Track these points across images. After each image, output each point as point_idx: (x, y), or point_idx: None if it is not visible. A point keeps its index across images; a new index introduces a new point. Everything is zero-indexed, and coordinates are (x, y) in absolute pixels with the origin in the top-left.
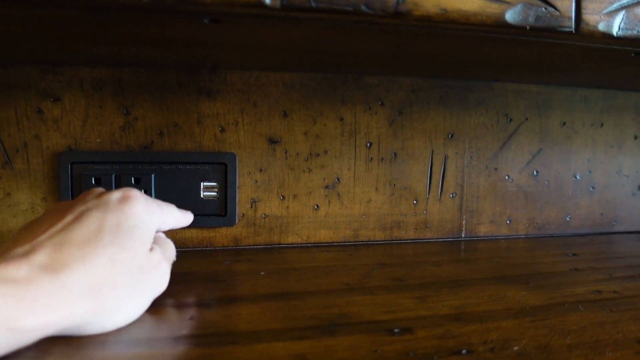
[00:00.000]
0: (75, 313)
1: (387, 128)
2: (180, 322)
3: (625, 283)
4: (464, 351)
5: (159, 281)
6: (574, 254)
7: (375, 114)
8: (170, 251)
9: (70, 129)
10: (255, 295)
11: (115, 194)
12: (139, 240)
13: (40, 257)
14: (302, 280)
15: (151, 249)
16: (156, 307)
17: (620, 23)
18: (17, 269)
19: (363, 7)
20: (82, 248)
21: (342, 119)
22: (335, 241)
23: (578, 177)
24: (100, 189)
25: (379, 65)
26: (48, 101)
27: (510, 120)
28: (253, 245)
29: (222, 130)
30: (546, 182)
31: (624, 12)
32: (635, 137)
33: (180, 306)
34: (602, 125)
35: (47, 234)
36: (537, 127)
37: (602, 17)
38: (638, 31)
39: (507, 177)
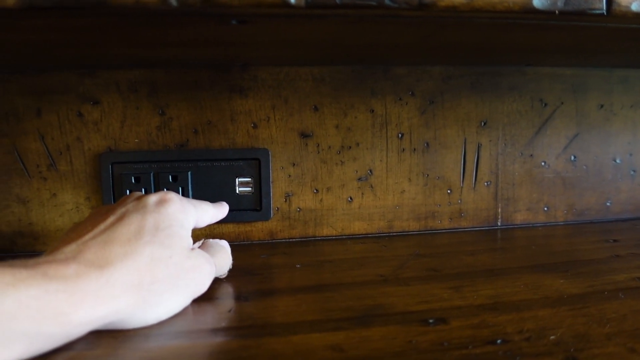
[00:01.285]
0: (119, 307)
1: (419, 118)
2: (220, 315)
3: None
4: (499, 341)
5: (199, 281)
6: (614, 240)
7: (406, 104)
8: (220, 260)
9: (110, 131)
10: (292, 287)
11: (153, 197)
12: (176, 239)
13: (87, 255)
14: (337, 272)
15: (194, 249)
16: (197, 300)
17: None
18: (66, 267)
19: (387, 1)
20: (124, 246)
21: (373, 111)
22: (370, 233)
23: (618, 161)
24: (139, 193)
25: (407, 56)
26: (88, 104)
27: (545, 105)
28: (288, 239)
29: (255, 126)
30: (584, 167)
31: None
32: None
33: (219, 299)
34: None
35: (91, 234)
36: (573, 111)
37: None
38: None
39: (543, 164)
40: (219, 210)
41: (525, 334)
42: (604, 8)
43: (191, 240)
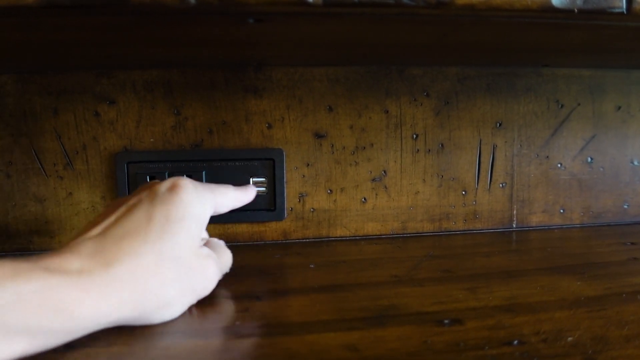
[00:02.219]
0: (124, 303)
1: (433, 119)
2: (235, 314)
3: None
4: (515, 342)
5: (206, 284)
6: (632, 243)
7: (421, 105)
8: (224, 260)
9: (125, 130)
10: (306, 287)
11: (165, 184)
12: (186, 235)
13: (92, 250)
14: (351, 273)
15: (202, 247)
16: (212, 299)
17: None
18: (70, 262)
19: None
20: (132, 242)
21: (387, 112)
22: (383, 233)
23: (635, 163)
24: (154, 181)
25: (423, 56)
26: (104, 104)
27: (562, 106)
28: (302, 239)
29: (269, 126)
30: (601, 168)
31: None
32: None
33: (234, 298)
34: None
35: (99, 228)
36: (590, 112)
37: None
38: None
39: (559, 165)
40: (244, 194)
41: (542, 336)
42: (624, 7)
43: (205, 234)
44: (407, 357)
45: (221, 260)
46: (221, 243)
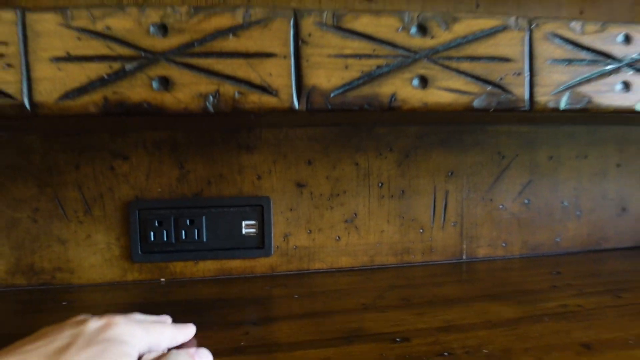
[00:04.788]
0: None
1: (396, 170)
2: (238, 337)
3: (591, 297)
4: (446, 354)
5: None
6: (557, 272)
7: (385, 158)
8: None
9: (137, 182)
10: (292, 314)
11: (94, 324)
12: (112, 355)
13: None
14: (328, 302)
15: None
16: (219, 325)
17: (567, 100)
18: None
19: (366, 106)
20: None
21: (357, 164)
22: (355, 266)
23: (566, 204)
24: (84, 317)
25: (388, 121)
26: (119, 160)
27: (503, 157)
28: (286, 272)
29: (259, 177)
30: (537, 208)
31: (568, 92)
32: (618, 165)
33: (236, 324)
34: (586, 157)
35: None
36: (527, 161)
37: (550, 97)
38: (581, 104)
39: (501, 207)
40: (181, 333)
41: (466, 349)
42: (527, 106)
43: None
44: None
45: None
46: (197, 352)
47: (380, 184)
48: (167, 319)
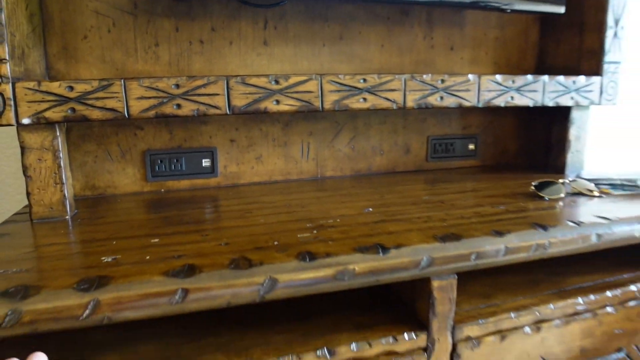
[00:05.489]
0: None
1: (281, 132)
2: (204, 209)
3: (375, 189)
4: (309, 225)
5: None
6: (371, 183)
7: (276, 126)
8: None
9: (148, 141)
10: (229, 202)
11: None
12: None
13: None
14: (247, 197)
15: None
16: (192, 208)
17: (338, 107)
18: None
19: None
20: None
21: (261, 129)
22: (261, 182)
23: (374, 148)
24: None
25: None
26: (138, 130)
27: (338, 124)
28: (226, 185)
29: (210, 137)
30: (358, 151)
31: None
32: (404, 127)
33: (201, 206)
34: (384, 122)
35: None
36: (351, 126)
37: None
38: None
39: (339, 150)
40: None
41: (315, 217)
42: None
43: None
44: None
45: None
46: None
47: (274, 140)
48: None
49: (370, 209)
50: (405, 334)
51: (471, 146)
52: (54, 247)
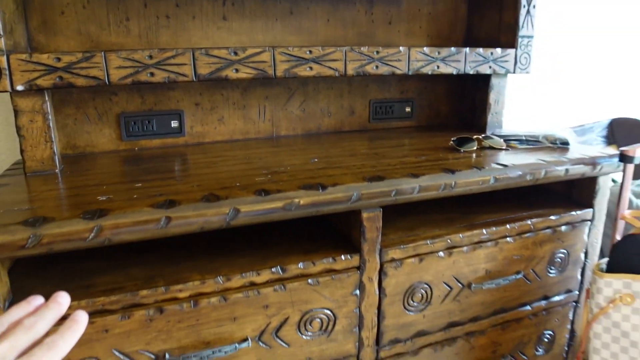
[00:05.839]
0: None
1: (240, 96)
2: (174, 163)
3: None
4: (266, 172)
5: None
6: (319, 142)
7: (235, 91)
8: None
9: (122, 105)
10: (196, 156)
11: None
12: None
13: None
14: (211, 152)
15: None
16: (163, 162)
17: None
18: None
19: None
20: None
21: (222, 94)
22: (223, 140)
23: (322, 110)
24: None
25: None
26: (113, 95)
27: (290, 89)
28: (192, 143)
29: (178, 101)
30: (309, 113)
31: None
32: (349, 92)
33: (172, 160)
34: (332, 88)
35: None
36: (302, 91)
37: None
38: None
39: (292, 112)
40: (44, 320)
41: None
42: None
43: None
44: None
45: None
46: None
47: (234, 103)
48: (38, 300)
49: (316, 160)
50: (342, 256)
51: (408, 109)
52: (53, 192)
